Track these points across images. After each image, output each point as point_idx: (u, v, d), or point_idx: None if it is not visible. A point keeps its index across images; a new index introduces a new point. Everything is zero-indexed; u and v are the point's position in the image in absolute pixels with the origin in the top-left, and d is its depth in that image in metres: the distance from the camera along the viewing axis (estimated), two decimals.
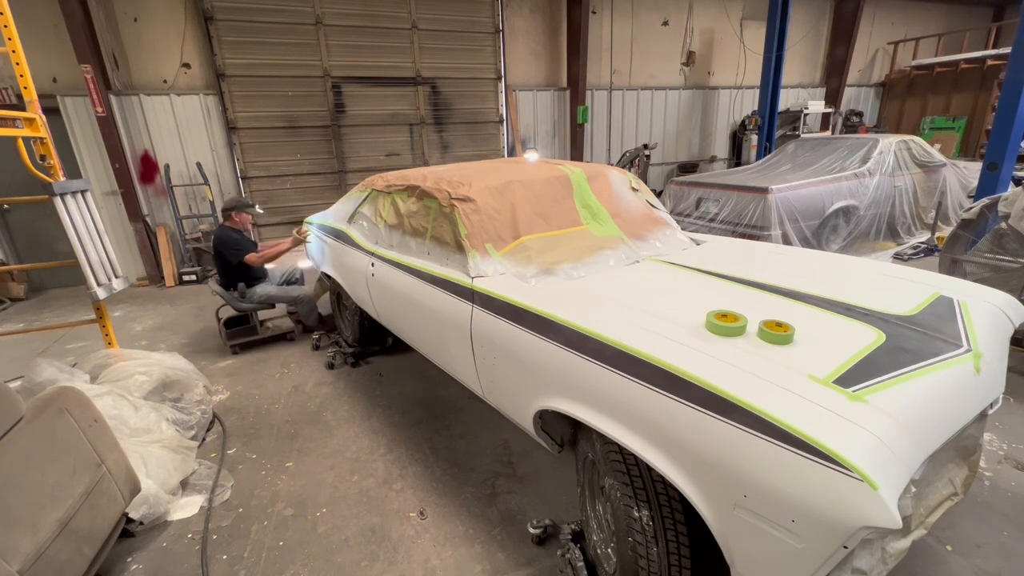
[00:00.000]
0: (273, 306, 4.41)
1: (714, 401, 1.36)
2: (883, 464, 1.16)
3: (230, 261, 4.10)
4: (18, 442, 1.79)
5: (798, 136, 9.08)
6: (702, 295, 2.06)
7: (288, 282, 4.60)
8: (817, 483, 1.15)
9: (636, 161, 8.47)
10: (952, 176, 6.60)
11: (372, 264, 3.22)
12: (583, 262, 2.45)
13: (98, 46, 5.86)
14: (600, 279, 2.32)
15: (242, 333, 4.44)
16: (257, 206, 4.38)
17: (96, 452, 2.07)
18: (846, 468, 1.12)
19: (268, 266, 4.42)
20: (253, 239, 4.42)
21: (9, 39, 2.79)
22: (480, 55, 7.85)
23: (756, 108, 8.98)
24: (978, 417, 1.62)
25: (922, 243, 6.22)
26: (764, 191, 5.39)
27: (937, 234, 6.09)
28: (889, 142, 6.24)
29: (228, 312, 4.45)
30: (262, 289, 4.27)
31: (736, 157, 10.25)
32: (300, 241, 4.06)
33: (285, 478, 2.74)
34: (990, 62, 9.94)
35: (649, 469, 1.61)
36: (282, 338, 4.52)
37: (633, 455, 1.61)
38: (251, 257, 4.08)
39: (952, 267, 3.84)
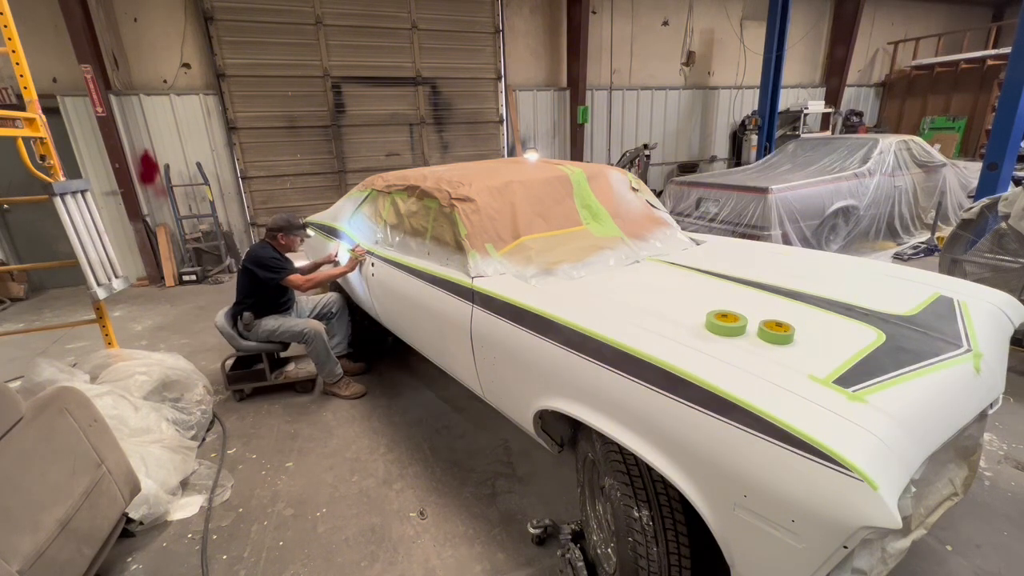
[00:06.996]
0: (286, 346, 3.55)
1: (714, 401, 1.36)
2: (883, 464, 1.16)
3: (263, 282, 3.34)
4: (18, 442, 1.79)
5: (798, 136, 9.08)
6: (702, 295, 2.06)
7: (321, 316, 3.75)
8: (817, 483, 1.15)
9: (636, 161, 8.47)
10: (952, 176, 6.61)
11: (372, 264, 3.22)
12: (583, 262, 2.45)
13: (98, 46, 5.86)
14: (600, 279, 2.32)
15: (248, 377, 3.56)
16: (309, 229, 3.85)
17: (96, 452, 2.07)
18: (846, 468, 1.12)
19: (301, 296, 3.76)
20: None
21: (9, 39, 2.79)
22: (480, 55, 7.84)
23: (756, 108, 8.98)
24: (978, 417, 1.62)
25: (922, 243, 6.22)
26: (764, 191, 5.39)
27: (937, 234, 6.09)
28: (889, 142, 6.24)
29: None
30: (270, 323, 3.41)
31: (736, 157, 10.25)
32: (359, 262, 3.38)
33: (285, 478, 2.74)
34: (990, 62, 9.94)
35: (649, 469, 1.61)
36: (309, 384, 3.61)
37: (633, 455, 1.61)
38: (295, 279, 3.37)
39: (952, 267, 3.83)
